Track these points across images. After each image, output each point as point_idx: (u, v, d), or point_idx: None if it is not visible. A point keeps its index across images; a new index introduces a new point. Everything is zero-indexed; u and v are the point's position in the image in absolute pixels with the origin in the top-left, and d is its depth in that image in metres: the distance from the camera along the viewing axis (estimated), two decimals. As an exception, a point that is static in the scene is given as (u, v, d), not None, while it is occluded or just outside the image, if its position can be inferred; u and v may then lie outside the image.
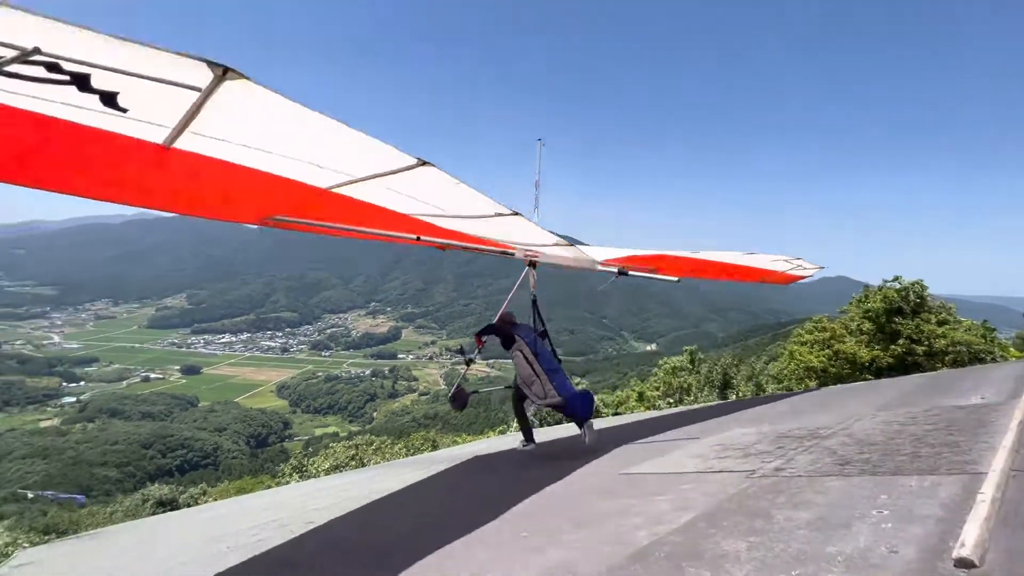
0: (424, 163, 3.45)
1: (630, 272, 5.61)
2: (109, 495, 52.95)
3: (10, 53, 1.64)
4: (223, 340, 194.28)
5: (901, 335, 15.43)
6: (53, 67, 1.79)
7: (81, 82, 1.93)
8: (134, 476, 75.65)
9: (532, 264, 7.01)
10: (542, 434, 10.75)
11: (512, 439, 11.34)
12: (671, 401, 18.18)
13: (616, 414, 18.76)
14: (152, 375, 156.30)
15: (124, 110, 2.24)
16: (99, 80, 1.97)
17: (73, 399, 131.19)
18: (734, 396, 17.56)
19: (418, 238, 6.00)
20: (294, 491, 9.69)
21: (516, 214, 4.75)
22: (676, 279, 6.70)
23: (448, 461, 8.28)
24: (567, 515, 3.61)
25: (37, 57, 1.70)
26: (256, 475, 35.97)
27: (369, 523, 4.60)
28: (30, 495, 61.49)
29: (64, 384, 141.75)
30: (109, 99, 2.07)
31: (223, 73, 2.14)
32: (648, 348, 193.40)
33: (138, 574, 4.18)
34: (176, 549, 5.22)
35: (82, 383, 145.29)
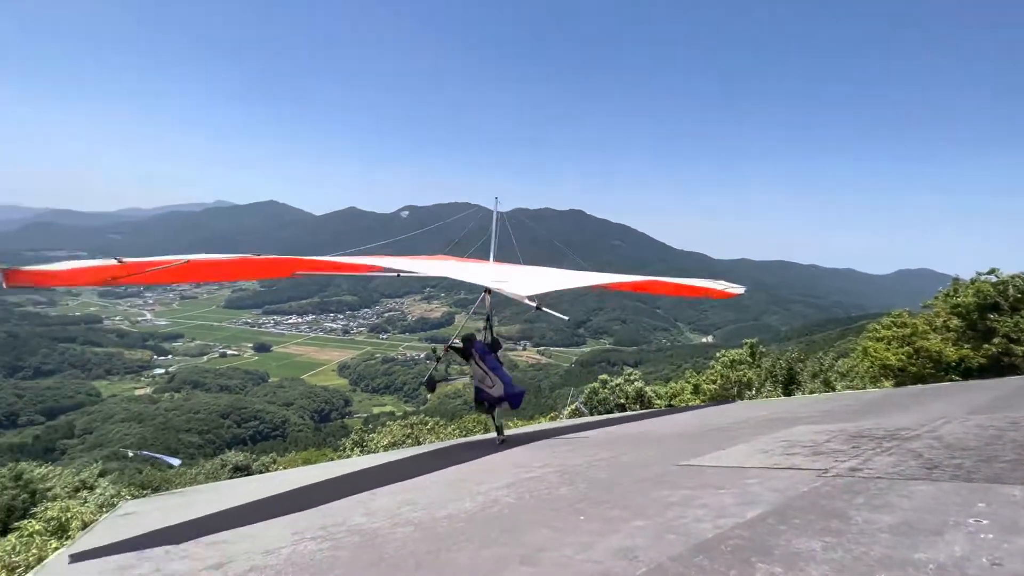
0: (373, 267, 7.63)
1: (544, 308, 6.32)
2: (192, 458, 58.37)
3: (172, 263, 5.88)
4: (290, 321, 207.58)
5: (997, 333, 13.88)
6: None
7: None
8: (214, 443, 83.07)
9: (487, 291, 8.63)
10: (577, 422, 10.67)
11: (562, 425, 11.36)
12: (730, 395, 17.49)
13: (670, 406, 18.30)
14: (228, 351, 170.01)
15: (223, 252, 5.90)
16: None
17: (162, 371, 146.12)
18: (799, 393, 16.60)
19: (399, 275, 8.49)
20: (356, 464, 10.22)
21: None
22: (567, 319, 7.75)
23: (500, 444, 8.42)
24: (624, 503, 3.58)
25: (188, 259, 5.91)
26: (320, 448, 38.38)
27: (428, 498, 4.78)
28: (130, 454, 69.15)
29: (155, 357, 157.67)
30: (209, 252, 5.23)
31: (259, 254, 6.53)
32: (704, 340, 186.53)
33: (219, 527, 4.59)
34: (252, 509, 5.68)
35: (169, 356, 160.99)
